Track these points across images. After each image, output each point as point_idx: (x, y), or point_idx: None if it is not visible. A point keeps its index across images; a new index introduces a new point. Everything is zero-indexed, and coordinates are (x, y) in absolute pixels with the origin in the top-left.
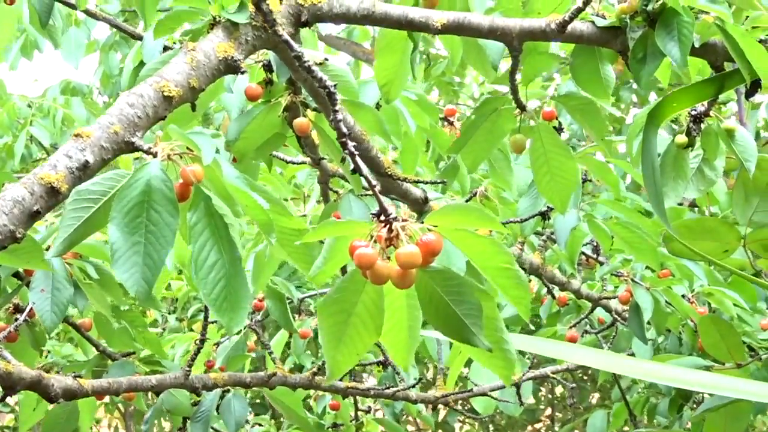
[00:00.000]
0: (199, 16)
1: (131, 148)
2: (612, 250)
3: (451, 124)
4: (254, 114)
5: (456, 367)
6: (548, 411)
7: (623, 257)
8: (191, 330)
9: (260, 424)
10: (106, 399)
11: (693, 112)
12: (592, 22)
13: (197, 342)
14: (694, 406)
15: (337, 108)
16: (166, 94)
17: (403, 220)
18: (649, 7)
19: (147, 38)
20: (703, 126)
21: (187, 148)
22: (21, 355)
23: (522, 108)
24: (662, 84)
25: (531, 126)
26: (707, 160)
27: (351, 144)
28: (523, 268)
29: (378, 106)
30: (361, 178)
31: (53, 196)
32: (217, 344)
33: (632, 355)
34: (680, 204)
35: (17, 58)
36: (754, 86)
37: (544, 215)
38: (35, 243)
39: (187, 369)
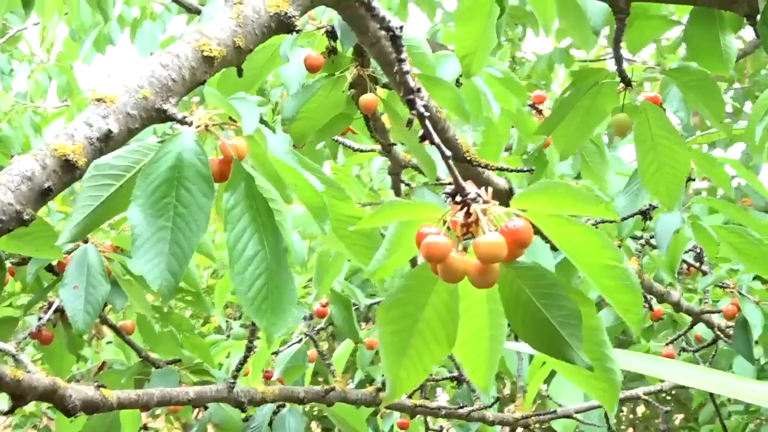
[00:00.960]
0: None
1: (163, 116)
2: (717, 258)
3: (539, 112)
4: (315, 89)
5: (536, 384)
6: None
7: (729, 267)
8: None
9: None
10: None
11: None
12: None
13: (247, 350)
14: None
15: (403, 56)
16: (206, 53)
17: (484, 202)
18: None
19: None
20: None
21: (230, 118)
22: (56, 359)
23: (627, 83)
24: None
25: (636, 105)
26: None
27: (420, 103)
28: None
29: (458, 83)
30: (434, 147)
31: (69, 172)
32: (276, 353)
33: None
34: None
35: (91, 53)
36: None
37: (645, 214)
38: (47, 227)
39: (232, 381)
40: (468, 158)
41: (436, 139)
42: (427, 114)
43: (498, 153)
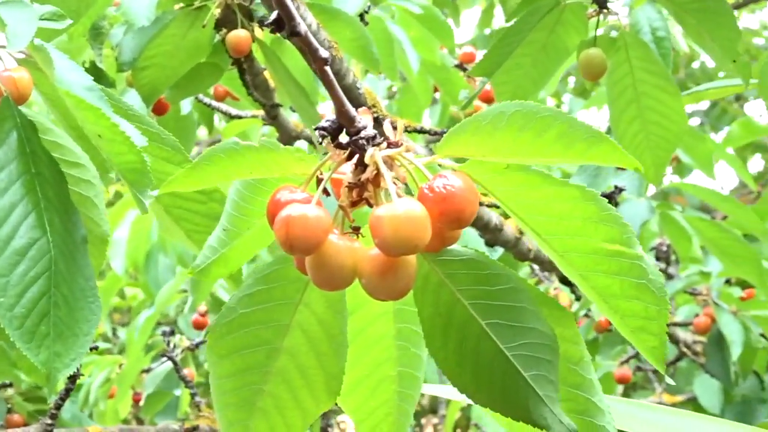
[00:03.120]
0: None
1: None
2: (688, 258)
3: (469, 76)
4: (166, 23)
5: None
6: None
7: (700, 269)
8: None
9: None
10: None
11: None
12: None
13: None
14: None
15: None
16: None
17: (390, 145)
18: None
19: None
20: None
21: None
22: None
23: (602, 3)
24: None
25: (612, 38)
26: None
27: None
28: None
29: (362, 20)
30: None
31: None
32: (147, 371)
33: (694, 399)
34: None
35: None
36: None
37: (611, 199)
38: None
39: (49, 422)
40: (375, 114)
41: (300, 27)
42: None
43: (418, 118)
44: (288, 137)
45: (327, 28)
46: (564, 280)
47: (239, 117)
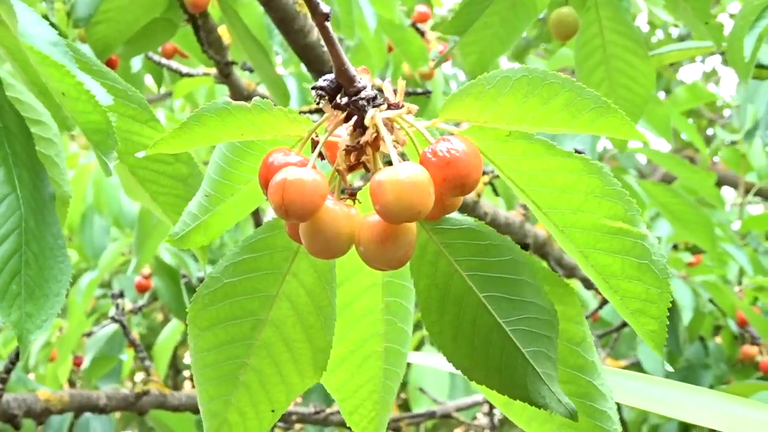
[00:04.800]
0: None
1: None
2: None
3: (422, 35)
4: None
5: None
6: None
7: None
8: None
9: None
10: None
11: None
12: None
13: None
14: None
15: None
16: None
17: (390, 107)
18: None
19: None
20: None
21: None
22: None
23: None
24: None
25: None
26: None
27: None
28: (526, 245)
29: None
30: None
31: None
32: (89, 334)
33: (637, 364)
34: None
35: None
36: None
37: None
38: None
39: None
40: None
41: None
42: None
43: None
44: (240, 96)
45: None
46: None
47: (190, 75)
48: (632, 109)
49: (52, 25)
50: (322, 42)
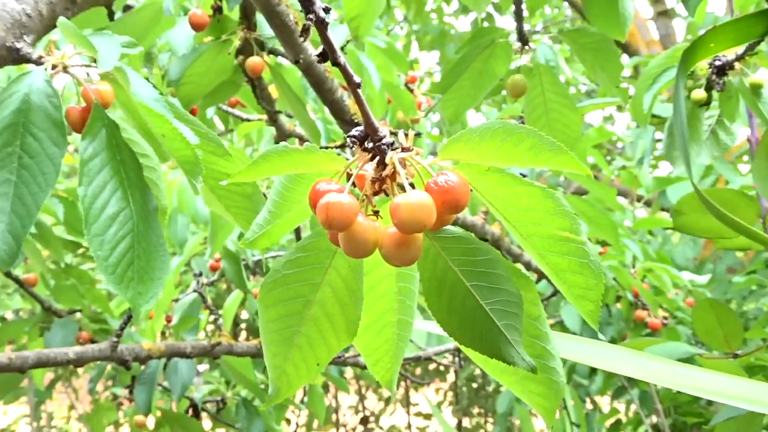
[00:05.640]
0: None
1: (16, 56)
2: None
3: (411, 92)
4: (201, 52)
5: None
6: None
7: None
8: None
9: (210, 382)
10: None
11: (717, 62)
12: None
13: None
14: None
15: None
16: None
17: (404, 150)
18: None
19: None
20: (726, 79)
21: (95, 60)
22: None
23: (525, 41)
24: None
25: (530, 67)
26: (723, 123)
27: (320, 5)
28: (486, 240)
29: (343, 50)
30: (338, 69)
31: None
32: (176, 300)
33: (561, 322)
34: None
35: None
36: None
37: None
38: None
39: (115, 340)
40: (355, 120)
41: (340, 57)
42: (327, 19)
43: None
44: (284, 135)
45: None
46: (493, 245)
47: (248, 120)
48: (567, 146)
49: (153, 85)
50: (344, 98)
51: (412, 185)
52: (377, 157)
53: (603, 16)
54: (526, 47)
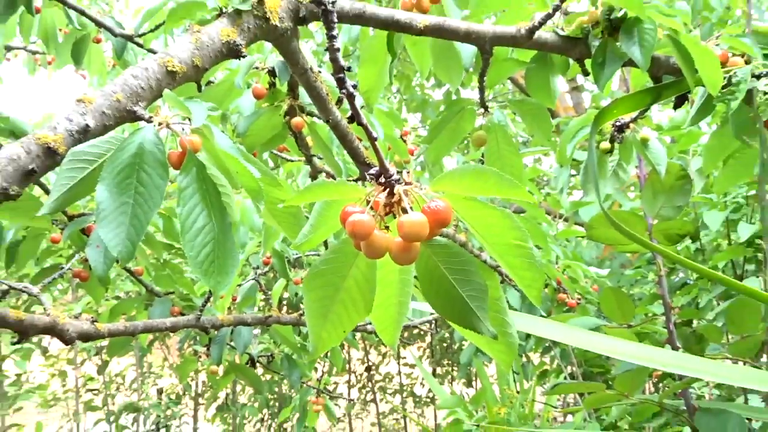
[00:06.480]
0: (207, 7)
1: (132, 116)
2: None
3: (404, 142)
4: (260, 114)
5: None
6: None
7: None
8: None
9: (263, 342)
10: None
11: (618, 123)
12: (555, 32)
13: (209, 295)
14: None
15: (334, 33)
16: (169, 68)
17: (406, 183)
18: (612, 16)
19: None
20: (624, 135)
21: (188, 119)
22: (92, 290)
23: (485, 107)
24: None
25: (489, 126)
26: (621, 165)
27: (350, 83)
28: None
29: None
30: (361, 127)
31: (50, 157)
32: (240, 285)
33: (507, 302)
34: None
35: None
36: (681, 99)
37: None
38: (36, 200)
39: (199, 313)
40: (368, 162)
41: (363, 120)
42: (355, 93)
43: None
44: (316, 171)
45: (342, 114)
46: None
47: (291, 160)
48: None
49: (228, 137)
50: (359, 146)
51: (412, 208)
52: (388, 189)
53: (539, 90)
54: (486, 111)
